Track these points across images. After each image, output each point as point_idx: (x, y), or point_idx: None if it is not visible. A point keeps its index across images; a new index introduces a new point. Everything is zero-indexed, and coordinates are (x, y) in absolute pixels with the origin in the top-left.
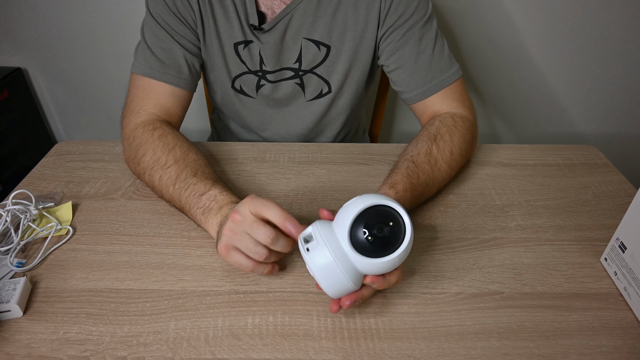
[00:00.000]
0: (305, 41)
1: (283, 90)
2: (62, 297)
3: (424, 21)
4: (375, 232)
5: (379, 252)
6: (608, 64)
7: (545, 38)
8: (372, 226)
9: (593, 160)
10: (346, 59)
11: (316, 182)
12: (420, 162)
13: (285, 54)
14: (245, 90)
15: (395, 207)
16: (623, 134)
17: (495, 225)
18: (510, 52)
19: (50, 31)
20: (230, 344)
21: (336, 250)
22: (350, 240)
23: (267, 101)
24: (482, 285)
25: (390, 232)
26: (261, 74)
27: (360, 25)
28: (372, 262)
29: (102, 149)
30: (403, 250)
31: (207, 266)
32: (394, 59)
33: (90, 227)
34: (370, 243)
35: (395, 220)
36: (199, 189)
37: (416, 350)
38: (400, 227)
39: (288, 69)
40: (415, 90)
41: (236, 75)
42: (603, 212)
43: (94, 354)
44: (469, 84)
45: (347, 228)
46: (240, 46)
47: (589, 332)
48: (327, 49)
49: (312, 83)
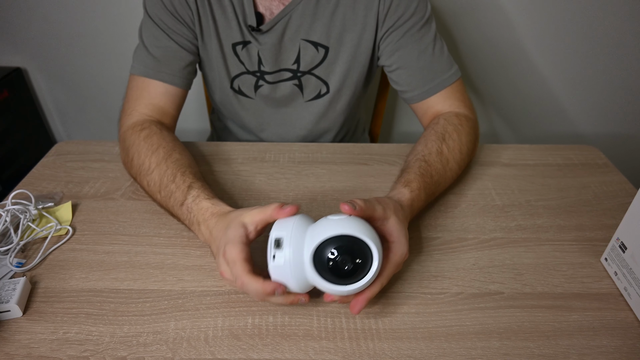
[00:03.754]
0: (303, 42)
1: (281, 91)
2: (62, 297)
3: (423, 22)
4: (338, 261)
5: (332, 277)
6: (608, 63)
7: (545, 38)
8: (340, 254)
9: (593, 160)
10: (345, 60)
11: (316, 182)
12: (432, 161)
13: (283, 55)
14: (244, 91)
15: (373, 252)
16: (623, 134)
17: (495, 225)
18: (510, 52)
19: (50, 31)
20: (230, 344)
21: (296, 253)
22: (313, 255)
23: (266, 101)
24: (482, 285)
25: (352, 269)
26: (259, 74)
27: (359, 27)
28: (321, 282)
29: (101, 149)
30: (352, 289)
31: (207, 266)
32: (395, 58)
33: (90, 227)
34: (329, 266)
35: (364, 261)
36: (177, 198)
37: (416, 351)
38: (364, 269)
39: (286, 70)
40: (416, 89)
41: (235, 75)
42: (603, 212)
43: (94, 354)
44: (469, 85)
45: (317, 243)
46: (239, 47)
47: (589, 332)
48: (326, 50)
49: (311, 84)
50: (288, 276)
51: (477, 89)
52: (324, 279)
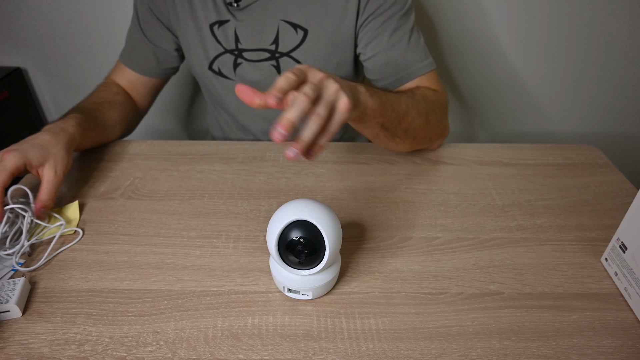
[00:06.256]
0: (282, 23)
1: (259, 72)
2: (61, 298)
3: (402, 13)
4: (299, 247)
5: (289, 257)
6: (608, 63)
7: (545, 37)
8: (299, 241)
9: (593, 160)
10: (323, 45)
11: (316, 181)
12: (400, 94)
13: (262, 34)
14: (224, 72)
15: (326, 244)
16: (623, 134)
17: (495, 225)
18: (511, 52)
19: (50, 31)
20: (229, 344)
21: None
22: (280, 234)
23: (246, 84)
24: (482, 285)
25: (306, 258)
26: (237, 52)
27: (340, 12)
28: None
29: (101, 148)
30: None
31: (207, 266)
32: (371, 47)
33: (90, 226)
34: (291, 248)
35: (313, 253)
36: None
37: (416, 351)
38: (316, 259)
39: (264, 50)
40: (389, 78)
41: (214, 56)
42: (604, 212)
43: (94, 355)
44: (468, 84)
45: (285, 224)
46: (215, 26)
47: (589, 332)
48: (305, 32)
49: (289, 67)
50: None
51: (477, 89)
52: (281, 256)
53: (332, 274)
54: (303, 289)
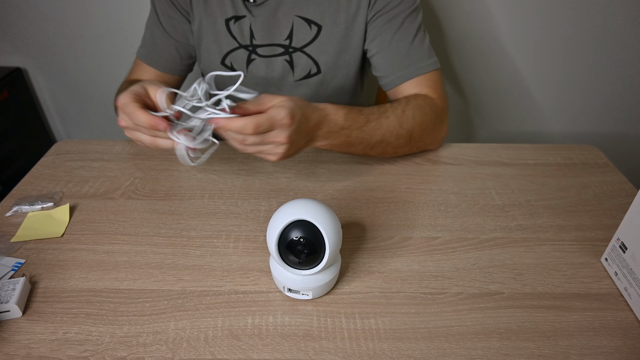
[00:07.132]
0: (297, 19)
1: (272, 67)
2: (62, 297)
3: (409, 12)
4: (299, 247)
5: (288, 255)
6: (608, 63)
7: (545, 37)
8: (299, 241)
9: (593, 160)
10: (336, 41)
11: (316, 181)
12: (370, 109)
13: (276, 29)
14: (236, 68)
15: (326, 244)
16: (623, 134)
17: (495, 225)
18: (511, 51)
19: (50, 31)
20: (230, 344)
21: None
22: (280, 235)
23: (257, 80)
24: (482, 285)
25: (306, 258)
26: (251, 48)
27: (353, 8)
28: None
29: (101, 148)
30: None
31: (207, 266)
32: (376, 43)
33: (90, 226)
34: (291, 248)
35: (314, 253)
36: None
37: (416, 351)
38: (316, 259)
39: (278, 45)
40: (392, 75)
41: (228, 51)
42: (603, 212)
43: (94, 354)
44: (469, 83)
45: (285, 223)
46: (231, 21)
47: (589, 332)
48: (319, 28)
49: (302, 62)
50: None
51: (477, 89)
52: (279, 253)
53: (332, 274)
54: (303, 288)
